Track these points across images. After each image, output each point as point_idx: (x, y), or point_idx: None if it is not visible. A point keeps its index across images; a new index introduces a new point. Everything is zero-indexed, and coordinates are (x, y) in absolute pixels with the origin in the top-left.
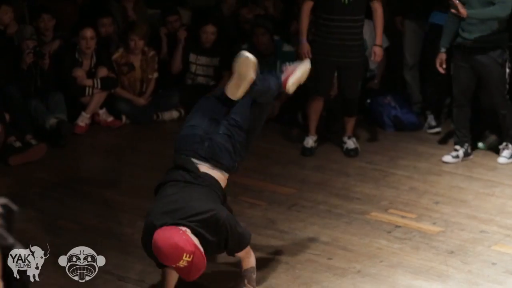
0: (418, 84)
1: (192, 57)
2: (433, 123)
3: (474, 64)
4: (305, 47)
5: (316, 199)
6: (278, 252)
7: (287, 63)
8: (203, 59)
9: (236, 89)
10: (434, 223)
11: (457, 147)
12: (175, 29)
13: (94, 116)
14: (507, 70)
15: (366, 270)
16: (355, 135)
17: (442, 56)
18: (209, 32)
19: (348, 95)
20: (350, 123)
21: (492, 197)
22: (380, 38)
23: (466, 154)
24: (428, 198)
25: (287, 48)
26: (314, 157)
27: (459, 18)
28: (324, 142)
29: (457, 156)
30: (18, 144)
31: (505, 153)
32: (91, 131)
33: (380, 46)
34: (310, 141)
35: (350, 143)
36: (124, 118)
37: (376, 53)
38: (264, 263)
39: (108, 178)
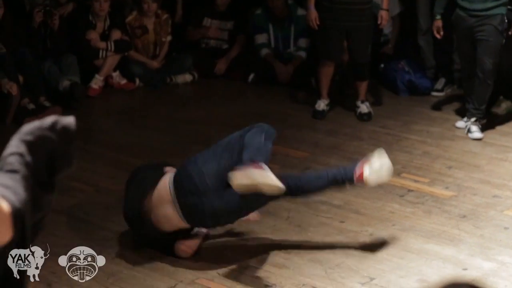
0: (431, 49)
1: (206, 21)
2: (439, 87)
3: (476, 33)
4: (313, 14)
5: (329, 162)
6: (290, 215)
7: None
8: (216, 23)
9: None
10: (446, 188)
11: (472, 118)
12: None
13: (107, 78)
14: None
15: (378, 234)
16: (368, 99)
17: (439, 23)
18: None
19: (358, 59)
20: (362, 87)
21: (506, 162)
22: (386, 1)
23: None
24: (441, 162)
25: (301, 12)
26: (327, 121)
27: None
28: (337, 107)
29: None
30: (31, 106)
31: (475, 128)
32: (104, 93)
33: (387, 10)
34: (321, 104)
35: (364, 108)
36: (137, 81)
37: (383, 17)
38: (277, 226)
39: (121, 141)
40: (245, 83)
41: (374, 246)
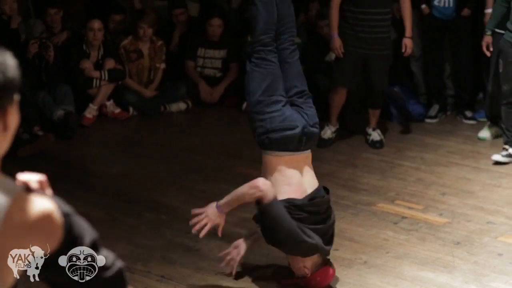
0: (423, 75)
1: (200, 51)
2: (433, 113)
3: None
4: (337, 42)
5: None
6: None
7: None
8: (210, 52)
9: None
10: (440, 214)
11: (507, 146)
12: (180, 22)
13: (101, 108)
14: None
15: (372, 261)
16: (360, 126)
17: (488, 39)
18: (216, 25)
19: (376, 88)
20: (375, 115)
21: (499, 188)
22: (409, 29)
23: None
24: (435, 189)
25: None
26: (321, 148)
27: (508, 5)
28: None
29: (509, 155)
30: (26, 136)
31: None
32: (98, 123)
33: (410, 38)
34: (328, 132)
35: (375, 135)
36: (131, 109)
37: (407, 45)
38: (271, 255)
39: (115, 170)
40: (239, 111)
41: (368, 274)
